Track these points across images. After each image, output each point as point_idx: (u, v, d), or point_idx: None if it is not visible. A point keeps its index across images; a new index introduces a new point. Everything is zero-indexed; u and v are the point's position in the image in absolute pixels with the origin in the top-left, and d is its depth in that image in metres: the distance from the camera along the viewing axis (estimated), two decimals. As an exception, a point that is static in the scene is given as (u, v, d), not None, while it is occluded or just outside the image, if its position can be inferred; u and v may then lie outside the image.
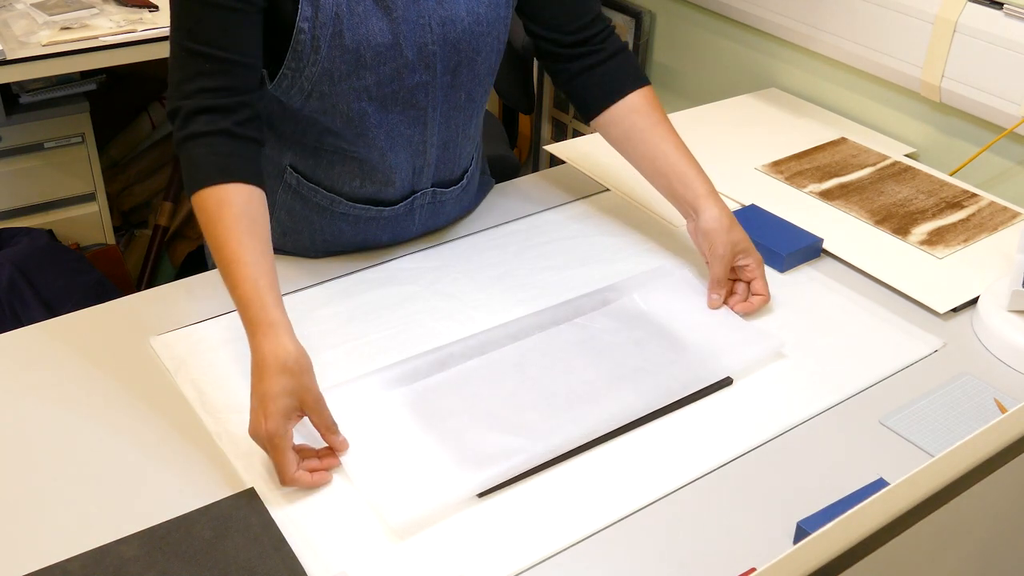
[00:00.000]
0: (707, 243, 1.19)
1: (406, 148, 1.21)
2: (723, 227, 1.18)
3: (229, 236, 1.01)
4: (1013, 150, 1.52)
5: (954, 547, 0.65)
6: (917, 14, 1.54)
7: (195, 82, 1.05)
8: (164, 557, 0.87)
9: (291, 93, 1.12)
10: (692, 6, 1.99)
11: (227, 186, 1.02)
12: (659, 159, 1.23)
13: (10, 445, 0.99)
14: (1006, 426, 0.62)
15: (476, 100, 1.24)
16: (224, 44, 1.04)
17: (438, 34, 1.14)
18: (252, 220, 1.03)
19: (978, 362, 1.14)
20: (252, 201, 1.04)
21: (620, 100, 1.25)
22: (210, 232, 1.02)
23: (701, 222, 1.19)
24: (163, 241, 2.39)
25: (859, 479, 0.96)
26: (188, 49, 1.05)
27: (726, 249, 1.18)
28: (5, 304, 1.83)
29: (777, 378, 1.10)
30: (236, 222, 1.01)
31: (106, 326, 1.16)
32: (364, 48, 1.10)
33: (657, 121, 1.25)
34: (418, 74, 1.15)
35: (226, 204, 1.02)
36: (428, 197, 1.28)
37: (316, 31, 1.07)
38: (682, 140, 1.24)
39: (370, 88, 1.13)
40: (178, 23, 1.06)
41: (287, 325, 0.98)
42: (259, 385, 0.95)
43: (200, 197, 1.03)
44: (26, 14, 1.93)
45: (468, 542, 0.90)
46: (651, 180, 1.26)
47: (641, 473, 0.97)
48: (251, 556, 0.87)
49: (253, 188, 1.04)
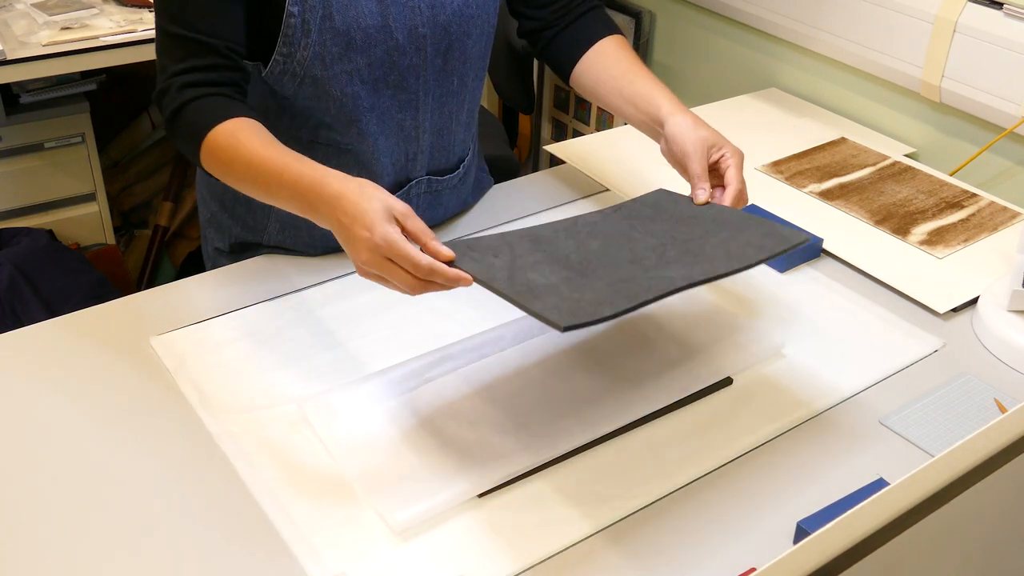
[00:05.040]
0: (677, 147, 1.13)
1: (398, 133, 1.21)
2: (688, 127, 1.13)
3: (253, 150, 1.02)
4: (1013, 150, 1.52)
5: (954, 547, 0.65)
6: (917, 14, 1.55)
7: (183, 62, 1.07)
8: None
9: (284, 80, 1.13)
10: (692, 6, 1.99)
11: (232, 120, 1.05)
12: (625, 88, 1.22)
13: (10, 445, 0.99)
14: (1006, 426, 0.62)
15: (468, 85, 1.25)
16: (206, 29, 1.07)
17: (427, 16, 1.15)
18: (267, 136, 1.04)
19: (978, 362, 1.14)
20: (261, 127, 1.06)
21: (589, 49, 1.27)
22: (233, 158, 1.03)
23: (666, 129, 1.15)
24: (163, 241, 2.39)
25: (859, 479, 0.96)
26: (172, 33, 1.08)
27: (695, 145, 1.11)
28: (5, 304, 1.83)
29: (777, 378, 1.10)
30: (254, 139, 1.03)
31: (106, 326, 1.16)
32: (354, 30, 1.11)
33: (623, 58, 1.25)
34: (408, 57, 1.16)
35: (238, 131, 1.04)
36: (424, 186, 1.28)
37: (306, 14, 1.09)
38: (650, 72, 1.23)
39: (362, 71, 1.14)
40: (161, 6, 1.09)
41: (345, 175, 0.97)
42: (346, 216, 0.92)
43: (210, 139, 1.05)
44: (26, 14, 1.93)
45: (468, 542, 0.90)
46: (622, 114, 1.24)
47: (641, 473, 0.97)
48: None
49: (256, 121, 1.06)
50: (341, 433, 1.00)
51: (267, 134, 1.05)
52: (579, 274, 0.91)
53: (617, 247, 0.97)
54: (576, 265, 0.92)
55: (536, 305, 0.84)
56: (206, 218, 1.38)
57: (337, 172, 0.97)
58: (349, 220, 0.92)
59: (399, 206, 0.93)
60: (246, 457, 0.98)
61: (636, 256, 0.95)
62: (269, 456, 0.98)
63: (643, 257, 0.94)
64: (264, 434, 1.01)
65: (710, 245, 0.97)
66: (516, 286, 0.87)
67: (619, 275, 0.91)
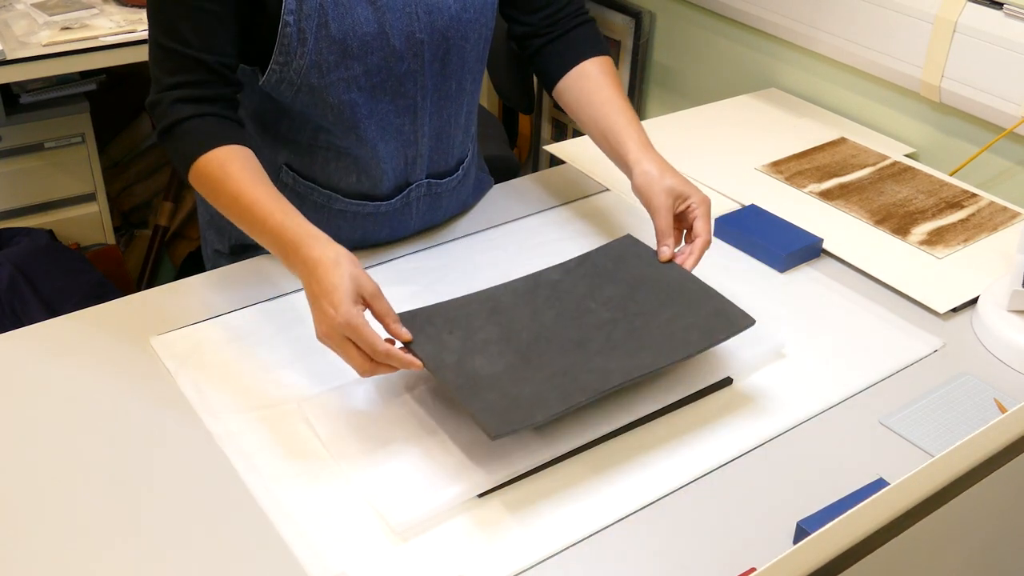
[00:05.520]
0: (643, 198, 1.15)
1: (397, 138, 1.21)
2: (654, 178, 1.14)
3: (242, 186, 1.04)
4: (1013, 150, 1.52)
5: (954, 547, 0.65)
6: (917, 14, 1.55)
7: (174, 76, 1.08)
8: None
9: (281, 88, 1.13)
10: (692, 6, 1.99)
11: (223, 148, 1.06)
12: (601, 120, 1.23)
13: (10, 445, 0.99)
14: (1006, 426, 0.62)
15: (466, 89, 1.25)
16: (198, 44, 1.07)
17: (425, 22, 1.14)
18: (257, 170, 1.07)
19: (978, 362, 1.14)
20: (251, 157, 1.08)
21: (575, 67, 1.26)
22: (219, 190, 1.06)
23: (634, 179, 1.16)
24: (163, 241, 2.39)
25: (859, 479, 0.96)
26: (164, 46, 1.08)
27: (660, 200, 1.13)
28: (5, 304, 1.83)
29: (777, 378, 1.10)
30: (243, 173, 1.05)
31: (106, 326, 1.16)
32: (351, 38, 1.10)
33: (604, 85, 1.25)
34: (406, 63, 1.15)
35: (228, 162, 1.06)
36: (424, 189, 1.28)
37: (301, 23, 1.08)
38: (628, 104, 1.24)
39: (359, 78, 1.13)
40: (154, 19, 1.09)
41: (328, 237, 1.01)
42: (318, 286, 0.96)
43: (199, 165, 1.06)
44: (26, 14, 1.93)
45: (468, 542, 0.90)
46: (597, 144, 1.26)
47: (641, 473, 0.97)
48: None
49: (247, 148, 1.08)
50: (341, 433, 1.00)
51: (256, 167, 1.07)
52: (524, 361, 0.99)
53: (568, 320, 1.05)
54: (525, 347, 1.01)
55: (475, 404, 0.93)
56: (206, 220, 1.38)
57: (318, 233, 1.01)
58: (319, 290, 0.96)
59: (369, 286, 0.97)
60: (246, 457, 0.98)
61: (583, 337, 1.03)
62: (269, 456, 0.98)
63: (589, 339, 1.02)
64: (264, 434, 1.01)
65: (657, 325, 1.04)
66: (461, 377, 0.96)
67: (561, 364, 0.99)
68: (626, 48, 2.15)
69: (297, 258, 1.00)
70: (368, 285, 0.98)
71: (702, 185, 1.48)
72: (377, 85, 1.15)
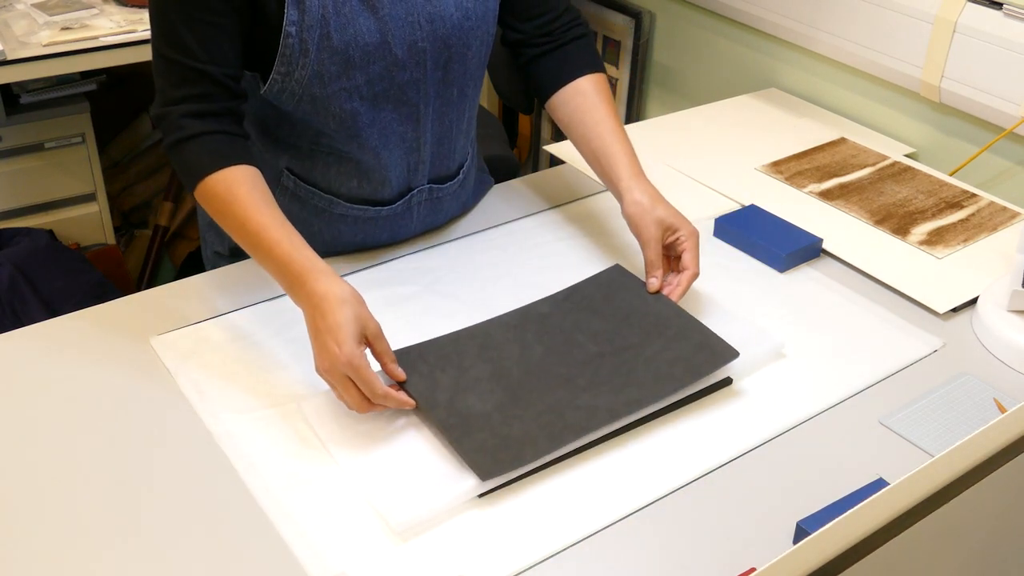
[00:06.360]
0: (634, 228, 1.17)
1: (400, 146, 1.21)
2: (645, 208, 1.16)
3: (248, 211, 1.04)
4: (1013, 150, 1.52)
5: (954, 547, 0.65)
6: (917, 14, 1.55)
7: (180, 89, 1.08)
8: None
9: (282, 97, 1.12)
10: (692, 6, 1.99)
11: (230, 169, 1.06)
12: (593, 141, 1.23)
13: (10, 445, 0.99)
14: (1006, 426, 0.62)
15: (468, 95, 1.25)
16: (202, 57, 1.07)
17: (427, 31, 1.14)
18: (264, 193, 1.07)
19: (978, 362, 1.14)
20: (258, 178, 1.08)
21: (569, 83, 1.26)
22: (227, 213, 1.05)
23: (625, 207, 1.18)
24: (163, 241, 2.39)
25: (859, 479, 0.96)
26: (167, 57, 1.08)
27: (650, 231, 1.15)
28: (5, 304, 1.83)
29: (777, 378, 1.10)
30: (250, 196, 1.05)
31: (106, 326, 1.16)
32: (353, 48, 1.10)
33: (597, 104, 1.25)
34: (408, 71, 1.15)
35: (235, 184, 1.05)
36: (425, 194, 1.28)
37: (303, 34, 1.08)
38: (621, 124, 1.24)
39: (361, 88, 1.13)
40: (157, 30, 1.08)
41: (334, 271, 1.01)
42: (322, 321, 0.97)
43: (206, 185, 1.06)
44: (26, 14, 1.93)
45: (468, 542, 0.90)
46: (588, 163, 1.26)
47: (641, 473, 0.97)
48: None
49: (255, 169, 1.08)
50: (341, 433, 1.00)
51: (263, 189, 1.07)
52: (513, 399, 1.01)
53: (557, 356, 1.08)
54: (515, 384, 1.03)
55: (465, 444, 0.96)
56: (206, 221, 1.38)
57: (325, 267, 1.02)
58: (324, 326, 0.97)
59: (372, 326, 0.99)
60: (246, 457, 0.98)
61: (571, 373, 1.05)
62: (269, 456, 0.98)
63: (577, 376, 1.05)
64: (264, 434, 1.01)
65: (643, 359, 1.06)
66: (453, 416, 0.99)
67: (549, 401, 1.01)
68: (626, 48, 2.15)
69: (303, 291, 1.00)
70: (371, 325, 0.99)
71: (702, 185, 1.49)
72: (379, 94, 1.15)
